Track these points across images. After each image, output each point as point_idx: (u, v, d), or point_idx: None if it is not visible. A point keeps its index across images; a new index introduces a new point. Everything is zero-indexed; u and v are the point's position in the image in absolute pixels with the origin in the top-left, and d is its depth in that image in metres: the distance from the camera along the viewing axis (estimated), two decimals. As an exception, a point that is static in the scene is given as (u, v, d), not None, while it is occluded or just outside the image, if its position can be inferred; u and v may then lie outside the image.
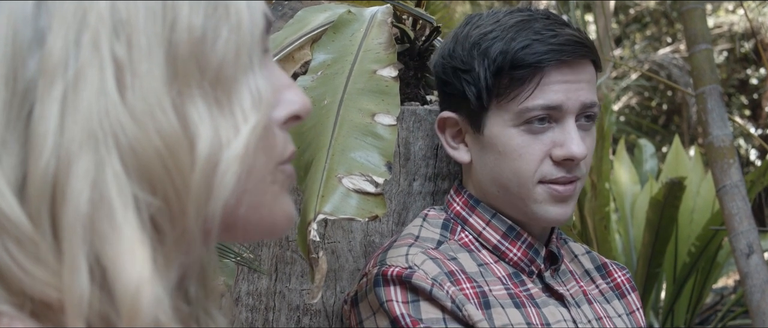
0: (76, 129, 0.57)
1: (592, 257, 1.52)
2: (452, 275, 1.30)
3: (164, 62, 0.60)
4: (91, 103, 0.57)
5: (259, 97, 0.63)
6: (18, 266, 0.57)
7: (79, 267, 0.57)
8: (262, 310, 1.44)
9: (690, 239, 4.60)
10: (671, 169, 5.00)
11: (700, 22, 2.55)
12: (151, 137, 0.58)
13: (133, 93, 0.58)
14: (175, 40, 0.60)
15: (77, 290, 0.56)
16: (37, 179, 0.57)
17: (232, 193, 0.61)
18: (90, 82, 0.58)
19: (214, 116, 0.61)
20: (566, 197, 1.35)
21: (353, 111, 1.26)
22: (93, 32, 0.58)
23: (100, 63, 0.58)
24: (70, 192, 0.57)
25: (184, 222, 0.60)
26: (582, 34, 1.35)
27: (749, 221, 2.39)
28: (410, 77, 1.59)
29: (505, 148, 1.33)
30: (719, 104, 2.48)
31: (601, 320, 1.41)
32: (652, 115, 10.80)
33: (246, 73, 0.63)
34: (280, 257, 1.44)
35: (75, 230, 0.57)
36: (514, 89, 1.31)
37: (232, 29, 0.62)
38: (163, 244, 0.60)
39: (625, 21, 10.72)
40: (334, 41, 1.38)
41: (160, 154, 0.59)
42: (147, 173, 0.58)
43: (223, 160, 0.60)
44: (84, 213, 0.57)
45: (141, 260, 0.57)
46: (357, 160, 1.22)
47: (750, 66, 10.10)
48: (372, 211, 1.18)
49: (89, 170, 0.57)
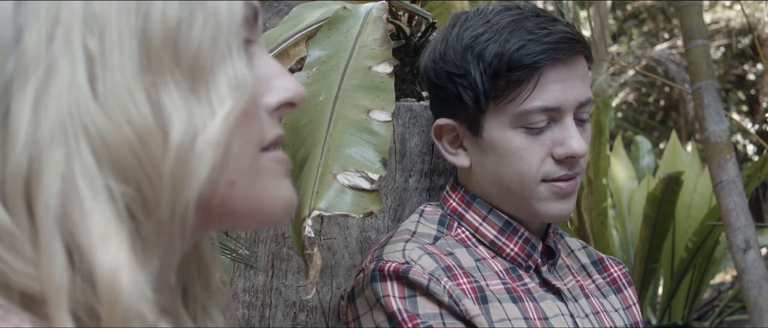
0: (48, 123, 0.57)
1: (589, 252, 1.53)
2: (449, 270, 1.30)
3: (138, 53, 0.60)
4: (62, 97, 0.58)
5: (237, 82, 0.62)
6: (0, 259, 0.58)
7: (55, 257, 0.57)
8: (258, 307, 1.44)
9: (687, 234, 4.60)
10: (668, 165, 5.01)
11: (696, 18, 2.55)
12: (121, 128, 0.58)
13: (104, 85, 0.58)
14: (149, 29, 0.60)
15: (55, 279, 0.57)
16: (12, 172, 0.58)
17: (207, 180, 0.61)
18: (61, 75, 0.58)
19: (190, 104, 0.61)
20: (569, 193, 1.35)
21: (348, 107, 1.26)
22: (65, 27, 0.59)
23: (71, 56, 0.58)
24: (42, 185, 0.57)
25: (159, 210, 0.60)
26: (573, 28, 1.34)
27: (746, 217, 2.39)
28: (406, 73, 1.59)
29: (506, 151, 1.33)
30: (716, 100, 2.48)
31: (598, 314, 1.41)
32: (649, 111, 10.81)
33: (224, 60, 0.62)
34: (277, 254, 1.44)
35: (48, 221, 0.57)
36: (512, 91, 1.30)
37: (209, 16, 0.62)
38: (140, 232, 0.60)
39: (622, 17, 10.72)
40: (330, 38, 1.37)
41: (130, 144, 0.59)
42: (118, 163, 0.59)
43: (197, 146, 0.60)
44: (55, 205, 0.57)
45: (116, 246, 0.57)
46: (352, 156, 1.21)
47: (747, 62, 10.11)
48: (367, 207, 1.18)
49: (59, 162, 0.57)
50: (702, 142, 2.53)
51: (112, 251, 0.57)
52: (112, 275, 0.57)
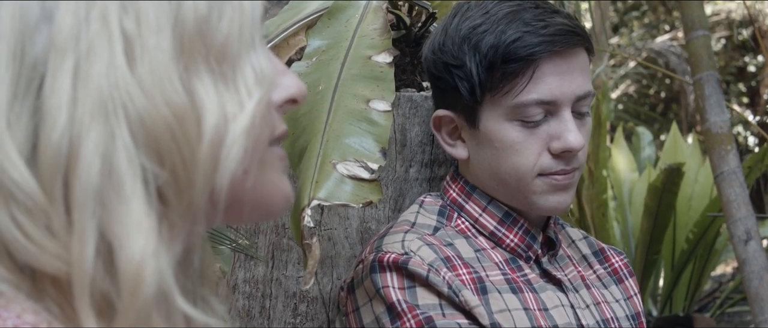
0: (88, 101, 0.58)
1: (590, 242, 1.52)
2: (449, 260, 1.29)
3: (171, 38, 0.61)
4: (101, 76, 0.59)
5: (262, 73, 0.65)
6: (27, 237, 0.58)
7: (88, 240, 0.58)
8: (258, 297, 1.43)
9: (688, 225, 4.60)
10: (669, 156, 5.00)
11: (697, 8, 2.55)
12: (160, 108, 0.60)
13: (142, 66, 0.60)
14: (182, 17, 0.62)
15: (85, 263, 0.57)
16: (51, 150, 0.58)
17: (239, 166, 0.63)
18: (100, 55, 0.59)
19: (220, 91, 0.63)
20: (565, 186, 1.34)
21: (348, 97, 1.26)
22: (102, 8, 0.60)
23: (109, 36, 0.59)
24: (81, 164, 0.58)
25: (191, 194, 0.61)
26: (573, 20, 1.33)
27: (747, 208, 2.39)
28: (406, 63, 1.59)
29: (502, 144, 1.32)
30: (717, 90, 2.47)
31: (599, 305, 1.41)
32: (650, 103, 10.81)
33: (248, 50, 0.65)
34: (277, 244, 1.44)
35: (86, 202, 0.58)
36: (507, 83, 1.29)
37: (235, 8, 0.64)
38: (168, 216, 0.61)
39: (622, 9, 10.71)
40: (329, 27, 1.37)
41: (169, 125, 0.60)
42: (155, 143, 0.60)
43: (230, 132, 0.62)
44: (94, 185, 0.58)
45: (146, 234, 0.58)
46: (351, 146, 1.21)
47: (748, 53, 10.10)
48: (366, 197, 1.18)
49: (100, 141, 0.58)
50: (703, 134, 2.53)
51: (141, 240, 0.58)
52: (139, 264, 0.57)
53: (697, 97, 2.51)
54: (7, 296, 0.58)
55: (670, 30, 10.19)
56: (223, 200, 0.63)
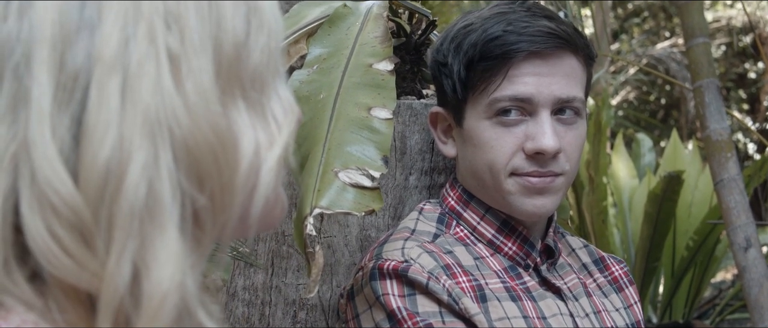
0: (137, 120, 0.57)
1: (590, 251, 1.52)
2: (448, 268, 1.30)
3: (212, 60, 0.61)
4: (149, 94, 0.58)
5: (289, 102, 0.66)
6: (65, 252, 0.57)
7: (125, 262, 0.57)
8: (258, 305, 1.44)
9: (688, 233, 4.60)
10: (669, 163, 5.00)
11: (697, 15, 2.55)
12: (204, 132, 0.59)
13: (188, 86, 0.59)
14: (221, 39, 0.61)
15: (119, 284, 0.57)
16: (99, 167, 0.57)
17: (273, 192, 0.64)
18: (148, 73, 0.58)
19: (252, 117, 0.63)
20: (541, 189, 1.32)
21: (349, 105, 1.26)
22: (148, 23, 0.59)
23: (156, 54, 0.58)
24: (128, 185, 0.57)
25: (225, 218, 0.61)
26: (565, 26, 1.33)
27: (747, 215, 2.39)
28: (406, 71, 1.59)
29: (479, 141, 1.33)
30: (717, 98, 2.47)
31: (600, 313, 1.41)
32: (650, 110, 10.81)
33: (275, 78, 0.65)
34: (276, 252, 1.44)
35: (130, 224, 0.57)
36: (485, 81, 1.31)
37: (266, 35, 0.64)
38: (201, 240, 0.61)
39: (623, 15, 10.71)
40: (330, 35, 1.37)
41: (212, 149, 0.59)
42: (197, 167, 0.59)
43: (265, 161, 0.63)
44: (140, 207, 0.57)
45: (174, 262, 0.57)
46: (353, 154, 1.21)
47: (748, 60, 10.10)
48: (368, 205, 1.18)
49: (147, 164, 0.57)
50: (703, 141, 2.53)
51: (170, 269, 0.57)
52: (164, 295, 0.57)
53: (697, 105, 2.51)
54: (8, 307, 0.58)
55: (671, 36, 10.19)
56: (255, 223, 0.63)
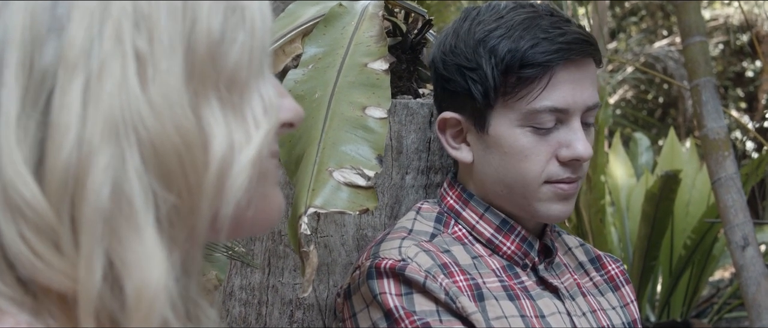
0: (98, 121, 0.57)
1: (586, 250, 1.52)
2: (446, 267, 1.30)
3: (183, 61, 0.60)
4: (113, 95, 0.57)
5: (270, 103, 0.64)
6: (34, 253, 0.57)
7: (95, 263, 0.57)
8: (255, 304, 1.43)
9: (685, 231, 4.60)
10: (667, 162, 5.00)
11: (694, 14, 2.55)
12: (169, 133, 0.58)
13: (154, 88, 0.58)
14: (194, 40, 0.60)
15: (92, 284, 0.56)
16: (59, 169, 0.57)
17: (244, 195, 0.62)
18: (112, 74, 0.57)
19: (228, 118, 0.62)
20: (569, 195, 1.35)
21: (344, 104, 1.26)
22: (115, 24, 0.58)
23: (122, 55, 0.58)
24: (90, 185, 0.56)
25: (194, 220, 0.61)
26: (585, 31, 1.34)
27: (744, 214, 2.38)
28: (402, 70, 1.59)
29: (512, 149, 1.32)
30: (714, 96, 2.47)
31: (596, 312, 1.41)
32: (647, 108, 10.81)
33: (257, 78, 0.64)
34: (273, 251, 1.44)
35: (94, 226, 0.56)
36: (522, 89, 1.30)
37: (247, 34, 0.63)
38: (176, 242, 0.60)
39: (620, 14, 10.72)
40: (325, 34, 1.37)
41: (177, 150, 0.59)
42: (164, 168, 0.58)
43: (237, 162, 0.61)
44: (104, 209, 0.56)
45: (159, 264, 0.57)
46: (348, 153, 1.21)
47: (746, 59, 10.11)
48: (363, 204, 1.18)
49: (110, 164, 0.57)
50: (700, 139, 2.53)
51: (156, 272, 0.57)
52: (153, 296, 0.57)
53: (695, 103, 2.51)
54: (11, 313, 0.58)
55: (668, 35, 10.20)
56: (226, 226, 0.62)
